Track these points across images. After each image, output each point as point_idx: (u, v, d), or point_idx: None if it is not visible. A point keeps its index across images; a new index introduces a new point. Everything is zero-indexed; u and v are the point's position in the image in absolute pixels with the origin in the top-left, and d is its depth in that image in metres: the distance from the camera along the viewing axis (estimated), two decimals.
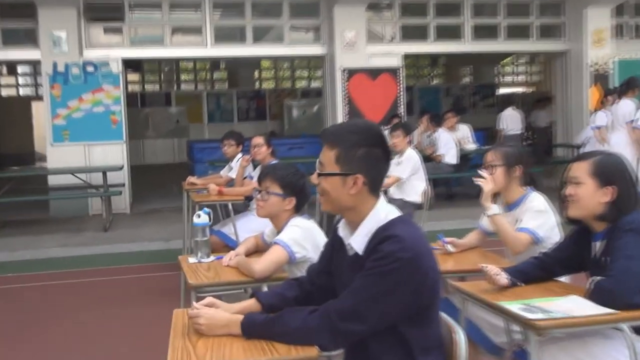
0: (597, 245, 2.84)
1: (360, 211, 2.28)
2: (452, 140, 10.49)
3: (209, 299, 2.50)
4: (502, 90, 24.26)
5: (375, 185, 2.29)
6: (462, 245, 3.92)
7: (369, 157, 2.25)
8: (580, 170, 2.83)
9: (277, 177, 3.60)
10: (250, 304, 2.54)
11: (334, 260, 2.43)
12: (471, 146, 11.07)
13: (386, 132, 9.65)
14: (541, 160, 11.68)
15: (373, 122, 2.38)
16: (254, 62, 23.09)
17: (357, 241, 2.26)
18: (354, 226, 2.30)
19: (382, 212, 2.27)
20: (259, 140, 6.41)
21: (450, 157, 10.37)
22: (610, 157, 2.86)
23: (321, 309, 2.20)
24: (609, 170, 2.79)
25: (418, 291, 2.14)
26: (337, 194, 2.28)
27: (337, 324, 2.15)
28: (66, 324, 5.56)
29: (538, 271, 3.02)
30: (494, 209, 3.62)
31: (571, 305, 2.61)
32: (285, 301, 2.51)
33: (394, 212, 2.28)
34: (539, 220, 3.55)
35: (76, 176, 9.95)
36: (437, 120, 10.86)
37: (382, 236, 2.17)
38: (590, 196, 2.79)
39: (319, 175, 2.32)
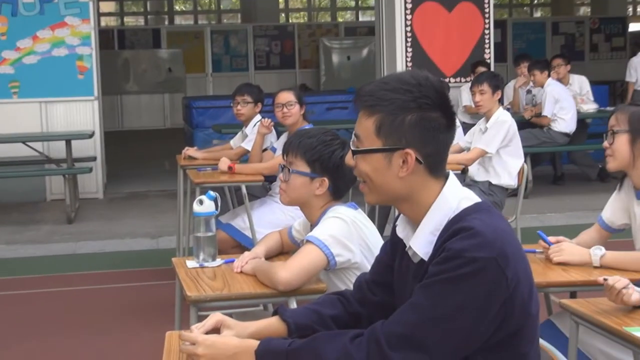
0: None
1: (419, 201, 2.29)
2: (567, 97, 10.28)
3: (215, 317, 2.53)
4: (638, 27, 23.91)
5: (437, 163, 2.29)
6: None
7: (423, 123, 2.24)
8: None
9: (302, 149, 3.62)
10: (271, 323, 2.57)
11: (395, 269, 2.46)
12: (590, 106, 10.92)
13: (466, 87, 9.61)
14: None
15: (427, 73, 2.32)
16: None
17: (420, 243, 2.27)
18: (415, 222, 2.32)
19: (453, 199, 2.27)
20: (288, 96, 6.40)
21: (565, 122, 10.15)
22: None
23: (367, 333, 2.22)
24: None
25: (503, 308, 2.14)
26: (382, 179, 2.28)
27: (387, 353, 2.16)
28: (13, 355, 5.68)
29: None
30: (595, 253, 3.61)
31: None
32: (320, 321, 2.53)
33: (470, 198, 2.29)
34: None
35: (29, 146, 10.09)
36: (543, 68, 10.59)
37: (452, 230, 2.18)
38: None
39: (354, 153, 2.32)
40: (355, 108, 2.33)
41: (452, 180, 2.32)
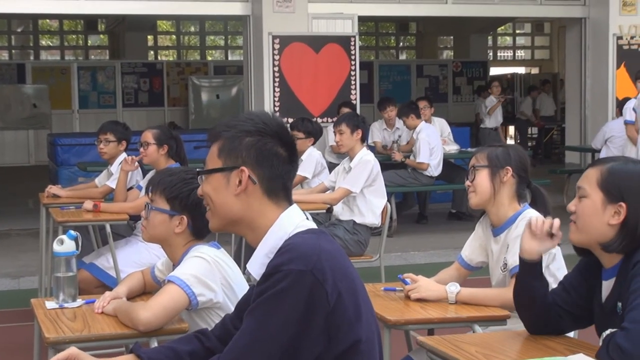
0: (606, 286, 2.93)
1: (258, 226, 2.37)
2: (438, 142, 10.45)
3: (69, 351, 2.58)
4: (497, 71, 24.75)
5: (275, 189, 2.39)
6: None
7: (259, 145, 2.37)
8: (588, 178, 2.92)
9: (162, 186, 3.67)
10: None
11: None
12: (452, 147, 11.16)
13: (332, 128, 9.71)
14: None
15: (274, 114, 2.52)
16: (147, 23, 22.96)
17: (255, 265, 2.35)
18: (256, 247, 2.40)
19: (290, 225, 2.35)
20: (145, 135, 6.38)
21: (431, 167, 10.34)
22: (628, 165, 2.93)
23: None
24: (622, 181, 2.85)
25: (327, 323, 2.20)
26: (221, 199, 2.39)
27: None
28: None
29: None
30: (451, 290, 3.72)
31: None
32: (177, 358, 2.58)
33: (307, 226, 2.36)
34: None
35: None
36: (415, 111, 10.60)
37: (277, 250, 2.28)
38: (594, 213, 2.87)
39: (198, 174, 2.46)
40: (208, 144, 2.45)
41: (294, 209, 2.40)
